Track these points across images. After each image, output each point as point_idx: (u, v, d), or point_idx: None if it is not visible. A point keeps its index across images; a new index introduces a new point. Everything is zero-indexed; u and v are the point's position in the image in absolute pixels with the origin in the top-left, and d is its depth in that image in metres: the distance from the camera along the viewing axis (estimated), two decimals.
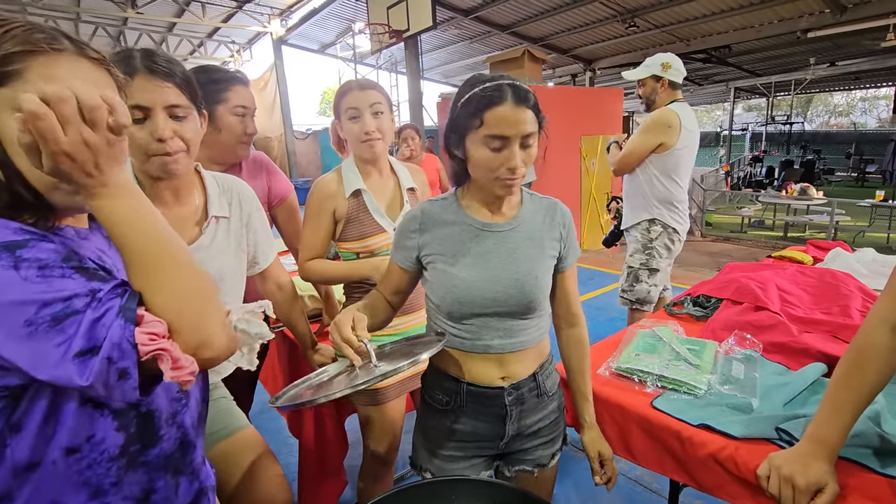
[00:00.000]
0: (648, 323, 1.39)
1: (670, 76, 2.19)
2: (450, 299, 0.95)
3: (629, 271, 2.30)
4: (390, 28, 6.67)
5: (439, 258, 0.96)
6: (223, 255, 1.03)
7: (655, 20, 8.17)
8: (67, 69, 0.54)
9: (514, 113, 0.85)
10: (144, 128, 0.85)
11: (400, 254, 1.01)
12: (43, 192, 0.55)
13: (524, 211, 1.01)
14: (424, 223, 0.98)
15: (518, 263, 0.96)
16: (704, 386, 1.08)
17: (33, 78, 0.52)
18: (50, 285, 0.49)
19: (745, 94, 15.87)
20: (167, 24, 10.49)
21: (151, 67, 0.85)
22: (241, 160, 1.43)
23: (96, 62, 0.58)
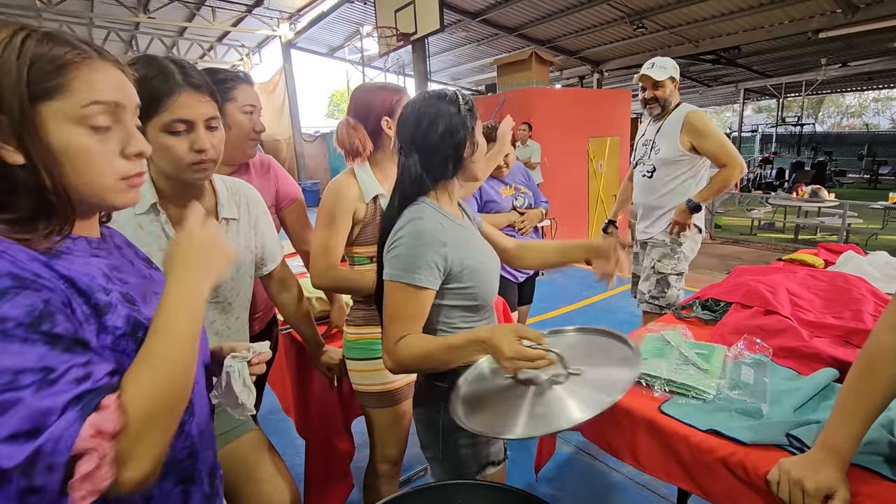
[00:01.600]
0: (657, 327, 1.37)
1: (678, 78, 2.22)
2: (491, 290, 1.04)
3: (658, 277, 2.22)
4: (398, 31, 6.69)
5: (471, 261, 1.00)
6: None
7: (664, 21, 8.13)
8: (101, 75, 0.56)
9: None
10: (185, 139, 0.89)
11: (432, 275, 0.94)
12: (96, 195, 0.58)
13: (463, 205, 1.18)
14: (447, 236, 0.96)
15: (485, 242, 1.13)
16: (713, 391, 1.07)
17: (78, 88, 0.54)
18: (3, 354, 0.45)
19: (755, 95, 15.73)
20: (178, 29, 10.62)
21: (194, 84, 0.88)
22: (250, 162, 1.44)
23: (115, 64, 0.60)
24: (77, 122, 0.54)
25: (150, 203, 0.93)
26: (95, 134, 0.56)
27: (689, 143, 2.12)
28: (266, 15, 10.14)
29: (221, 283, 1.02)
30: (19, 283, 0.48)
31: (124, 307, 0.60)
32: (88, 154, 0.55)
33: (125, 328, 0.59)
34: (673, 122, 2.17)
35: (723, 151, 2.10)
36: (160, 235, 0.94)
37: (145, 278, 0.71)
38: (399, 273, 0.93)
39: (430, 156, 0.99)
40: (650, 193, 2.27)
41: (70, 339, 0.50)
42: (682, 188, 2.18)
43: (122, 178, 0.59)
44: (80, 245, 0.61)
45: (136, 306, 0.63)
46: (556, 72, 11.03)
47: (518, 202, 2.30)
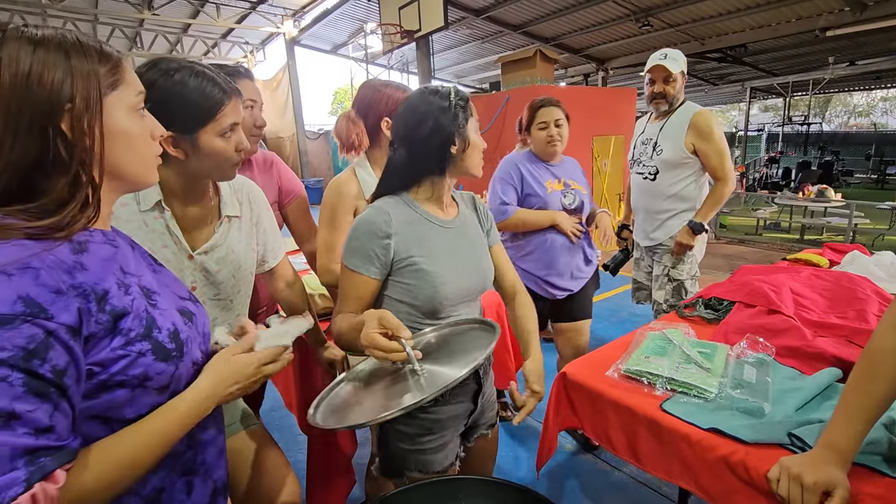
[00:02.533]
0: (659, 325, 1.37)
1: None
2: (438, 297, 0.99)
3: (675, 284, 2.11)
4: (402, 28, 6.68)
5: (419, 258, 0.98)
6: (235, 253, 1.05)
7: (670, 19, 8.08)
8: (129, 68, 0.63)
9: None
10: (231, 141, 0.92)
11: (371, 265, 0.97)
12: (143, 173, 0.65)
13: (460, 206, 1.13)
14: (394, 225, 0.97)
15: (477, 253, 1.10)
16: (715, 390, 1.07)
17: (131, 80, 0.63)
18: None
19: (762, 94, 15.63)
20: (182, 26, 10.63)
21: (234, 89, 0.92)
22: (252, 158, 1.45)
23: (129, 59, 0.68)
24: (132, 109, 0.63)
25: (154, 200, 0.93)
26: (141, 118, 0.64)
27: (692, 144, 2.02)
28: (270, 12, 10.15)
29: (223, 280, 1.03)
30: (30, 312, 0.49)
31: (142, 301, 0.62)
32: (142, 136, 0.64)
33: (140, 329, 0.60)
34: (677, 121, 2.06)
35: (721, 162, 2.00)
36: (164, 233, 0.95)
37: (155, 272, 0.73)
38: (343, 255, 1.00)
39: (416, 151, 1.00)
40: (654, 197, 2.15)
41: (48, 382, 0.50)
42: (688, 191, 2.09)
43: (154, 158, 0.67)
44: (96, 237, 0.62)
45: (152, 299, 0.65)
46: (561, 70, 10.99)
47: (567, 200, 1.92)
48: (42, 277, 0.51)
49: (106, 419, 0.59)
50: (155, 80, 0.84)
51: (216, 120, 0.88)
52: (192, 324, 0.70)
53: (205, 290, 1.01)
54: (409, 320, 1.01)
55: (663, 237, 2.16)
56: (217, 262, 1.01)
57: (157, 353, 0.61)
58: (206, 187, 1.01)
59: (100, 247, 0.61)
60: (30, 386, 0.48)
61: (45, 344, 0.50)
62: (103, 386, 0.57)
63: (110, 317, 0.57)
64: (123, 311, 0.59)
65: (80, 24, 9.47)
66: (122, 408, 0.60)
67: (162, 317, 0.64)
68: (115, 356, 0.57)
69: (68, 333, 0.52)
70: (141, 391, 0.61)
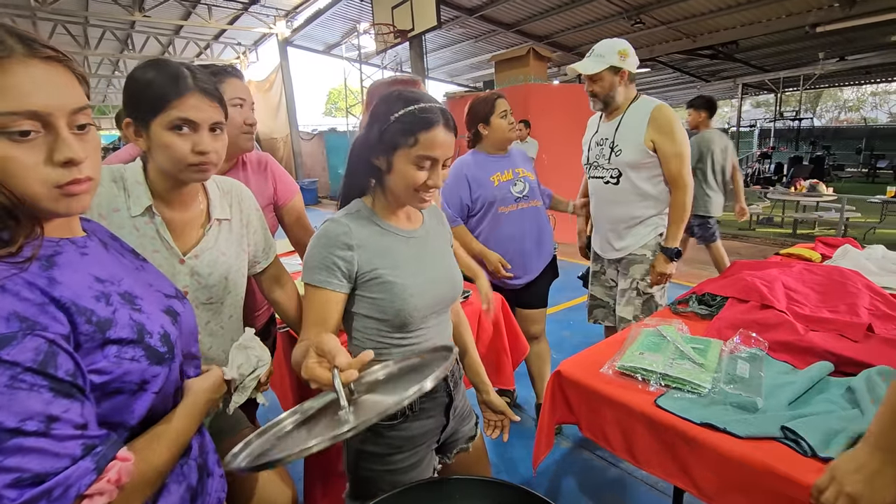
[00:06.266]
0: (653, 322, 1.38)
1: (628, 66, 1.84)
2: (407, 309, 0.94)
3: (645, 298, 1.93)
4: (395, 28, 6.68)
5: (385, 271, 0.94)
6: (225, 256, 1.04)
7: (661, 16, 8.13)
8: (21, 76, 0.52)
9: (445, 137, 0.92)
10: (187, 139, 0.89)
11: (334, 276, 0.91)
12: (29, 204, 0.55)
13: (426, 217, 1.10)
14: (355, 238, 0.94)
15: (445, 263, 1.07)
16: (709, 385, 1.07)
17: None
18: (11, 401, 0.46)
19: (753, 90, 15.73)
20: (174, 27, 10.58)
21: (205, 89, 0.90)
22: (246, 160, 1.44)
23: (51, 60, 0.55)
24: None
25: (145, 206, 0.93)
26: (15, 142, 0.52)
27: (651, 141, 1.82)
28: (262, 13, 10.11)
29: (214, 283, 1.02)
30: (26, 326, 0.49)
31: (125, 310, 0.61)
32: (10, 163, 0.52)
33: (131, 336, 0.60)
34: (634, 117, 1.86)
35: (680, 166, 1.81)
36: (155, 238, 0.95)
37: (137, 270, 0.72)
38: (305, 274, 0.94)
39: (355, 155, 0.99)
40: (618, 203, 1.94)
41: (69, 384, 0.51)
42: (656, 192, 1.89)
43: (56, 187, 0.55)
44: (65, 248, 0.61)
45: (136, 304, 0.64)
46: (554, 68, 11.01)
47: (517, 188, 1.96)
48: (23, 294, 0.51)
49: (112, 425, 0.59)
50: (131, 73, 0.89)
51: (165, 111, 0.87)
52: (177, 324, 0.70)
53: (197, 295, 1.00)
54: (378, 336, 0.98)
55: (633, 246, 1.95)
56: (208, 264, 1.01)
57: (151, 357, 0.61)
58: (194, 191, 1.00)
59: (70, 258, 0.60)
60: (56, 389, 0.49)
61: (52, 351, 0.50)
62: (104, 392, 0.57)
63: (96, 327, 0.56)
64: (108, 320, 0.58)
65: (70, 26, 9.41)
66: (124, 413, 0.60)
67: (150, 321, 0.64)
68: (109, 364, 0.57)
69: (64, 341, 0.52)
70: (140, 394, 0.61)
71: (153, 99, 0.87)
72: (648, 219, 1.93)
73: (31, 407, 0.47)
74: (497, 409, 1.21)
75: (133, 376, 0.59)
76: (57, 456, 0.48)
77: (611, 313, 2.15)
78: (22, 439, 0.46)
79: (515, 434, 2.22)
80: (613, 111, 1.93)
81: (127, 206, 0.93)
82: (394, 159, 0.93)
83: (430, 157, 0.91)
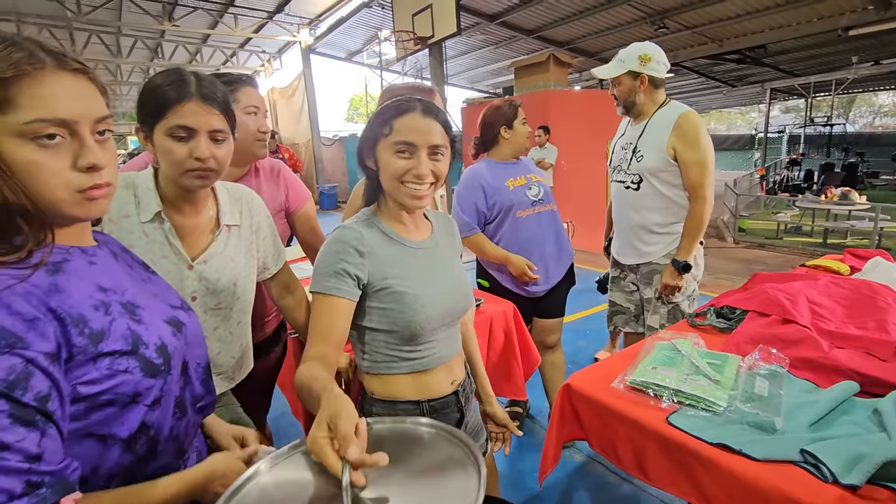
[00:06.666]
0: (667, 335, 1.34)
1: (650, 71, 1.81)
2: (418, 320, 0.92)
3: (671, 307, 1.87)
4: (415, 35, 6.73)
5: (395, 281, 0.92)
6: (234, 262, 1.05)
7: (686, 21, 8.00)
8: (49, 88, 0.55)
9: (422, 122, 0.90)
10: (186, 146, 0.90)
11: (344, 283, 0.89)
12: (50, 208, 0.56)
13: (435, 227, 1.08)
14: (367, 245, 0.92)
15: (455, 274, 1.05)
16: (724, 403, 1.03)
17: (25, 103, 0.53)
18: None
19: (782, 94, 15.32)
20: (201, 36, 10.88)
21: (205, 95, 0.91)
22: (259, 167, 1.46)
23: (78, 73, 0.58)
24: (21, 136, 0.53)
25: (154, 212, 0.94)
26: (43, 148, 0.55)
27: (673, 149, 1.78)
28: (287, 21, 10.32)
29: (223, 288, 1.03)
30: (6, 343, 0.49)
31: (123, 320, 0.61)
32: (37, 168, 0.55)
33: (125, 347, 0.60)
34: (659, 123, 1.82)
35: (701, 176, 1.75)
36: (164, 244, 0.96)
37: (144, 281, 0.73)
38: (313, 282, 0.91)
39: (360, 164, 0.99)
40: (639, 209, 1.91)
41: (34, 410, 0.50)
42: (680, 200, 1.84)
43: (78, 191, 0.58)
44: (74, 255, 0.62)
45: (136, 314, 0.64)
46: (575, 73, 10.93)
47: (532, 192, 1.98)
48: (15, 307, 0.51)
49: (101, 437, 0.59)
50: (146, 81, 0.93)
51: (165, 117, 0.88)
52: (181, 334, 0.70)
53: (206, 300, 1.01)
54: (386, 349, 0.96)
55: (654, 255, 1.91)
56: (217, 270, 1.02)
57: (145, 369, 0.61)
58: (203, 197, 1.01)
59: (77, 266, 0.61)
60: (15, 416, 0.48)
61: (26, 372, 0.50)
62: (92, 405, 0.57)
63: (89, 340, 0.57)
64: (101, 333, 0.58)
65: (104, 35, 9.77)
66: (113, 425, 0.60)
67: (148, 332, 0.64)
68: (101, 376, 0.57)
69: (47, 360, 0.52)
70: (132, 406, 0.61)
71: (155, 105, 0.89)
72: (670, 227, 1.88)
73: None
74: (500, 422, 1.19)
75: (125, 388, 0.59)
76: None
77: (631, 319, 2.12)
78: None
79: (527, 446, 2.19)
80: (640, 116, 1.90)
81: (137, 211, 0.95)
82: (377, 154, 0.93)
83: (406, 141, 0.89)
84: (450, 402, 1.03)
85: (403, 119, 0.90)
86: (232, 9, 9.28)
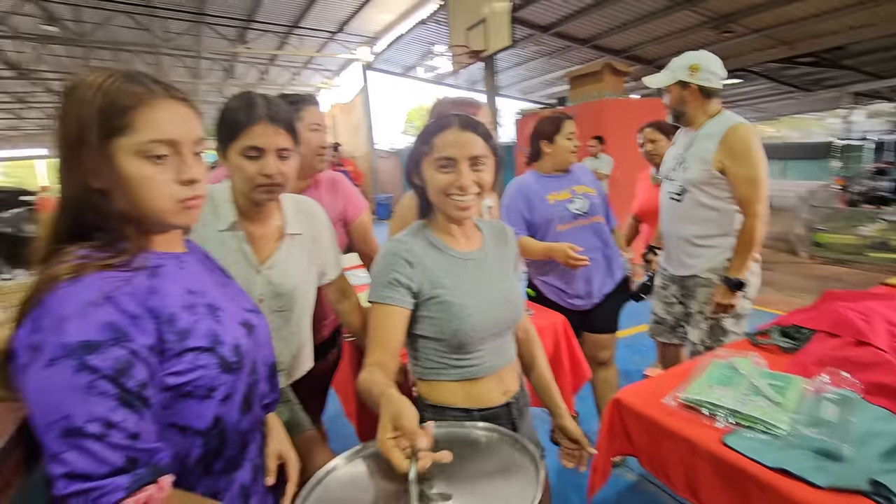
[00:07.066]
0: (725, 353, 1.28)
1: (700, 81, 1.76)
2: (465, 329, 0.95)
3: (711, 324, 1.81)
4: (469, 49, 6.84)
5: (443, 291, 0.96)
6: (296, 268, 1.14)
7: (753, 24, 7.60)
8: (162, 113, 0.65)
9: (460, 136, 0.94)
10: (256, 164, 1.00)
11: (396, 292, 0.93)
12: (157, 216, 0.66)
13: (486, 238, 1.09)
14: (414, 257, 0.96)
15: (506, 284, 1.05)
16: (786, 426, 0.98)
17: (141, 127, 0.63)
18: (86, 402, 0.55)
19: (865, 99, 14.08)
20: (270, 56, 11.62)
21: (272, 116, 1.00)
22: (320, 180, 1.56)
23: (181, 101, 0.68)
24: (138, 154, 0.63)
25: (230, 221, 1.05)
26: (154, 164, 0.64)
27: (720, 162, 1.71)
28: (347, 40, 10.82)
29: (285, 292, 1.12)
30: (115, 335, 0.58)
31: (207, 319, 0.70)
32: (149, 181, 0.64)
33: (206, 344, 0.68)
34: (708, 135, 1.77)
35: (752, 192, 1.67)
36: (237, 250, 1.06)
37: (223, 286, 0.81)
38: (370, 292, 0.96)
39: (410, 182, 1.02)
40: (681, 220, 1.86)
41: (135, 395, 0.59)
42: (725, 213, 1.77)
43: (179, 202, 0.67)
44: (168, 261, 0.71)
45: (217, 315, 0.72)
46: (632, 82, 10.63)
47: (574, 206, 1.93)
48: (122, 305, 0.60)
49: (181, 428, 0.67)
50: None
51: (238, 139, 0.98)
52: (252, 335, 0.78)
53: (270, 303, 1.10)
54: (436, 357, 1.00)
55: (699, 268, 1.84)
56: (281, 275, 1.10)
57: (222, 365, 0.69)
58: (271, 208, 1.11)
59: (171, 271, 0.70)
60: (121, 399, 0.57)
61: (130, 362, 0.59)
62: (176, 395, 0.65)
63: (177, 336, 0.65)
64: (187, 330, 0.66)
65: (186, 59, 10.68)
66: (192, 418, 0.68)
67: (225, 332, 0.71)
68: (185, 369, 0.65)
69: (146, 352, 0.61)
70: (207, 401, 0.68)
71: (229, 128, 0.99)
72: (713, 239, 1.81)
73: (97, 411, 0.55)
74: (572, 437, 1.11)
75: (203, 381, 0.67)
76: (102, 462, 0.55)
77: (668, 330, 2.06)
78: (82, 439, 0.54)
79: None
80: (690, 125, 1.86)
81: (214, 221, 1.05)
82: (423, 171, 0.98)
83: (446, 156, 0.93)
84: (501, 414, 1.03)
85: (442, 135, 0.94)
86: (297, 30, 9.87)
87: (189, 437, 0.68)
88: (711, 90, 1.79)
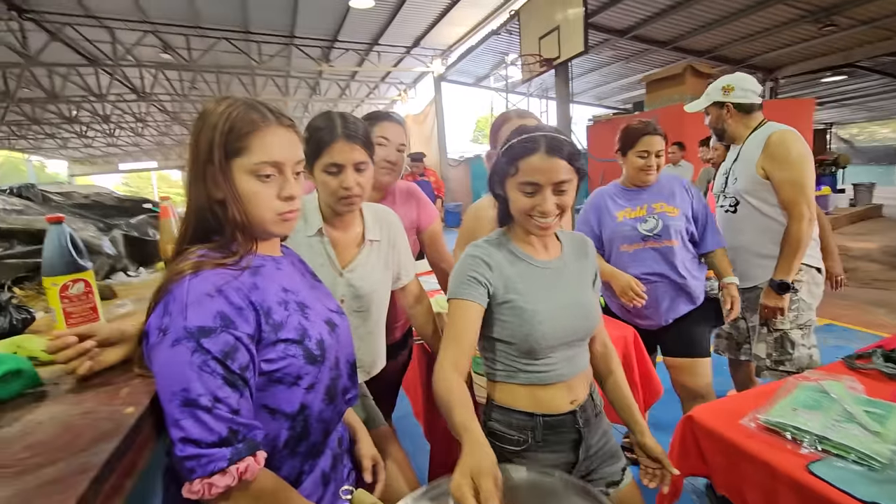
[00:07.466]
0: (815, 375, 1.20)
1: (735, 99, 1.88)
2: (535, 336, 0.98)
3: (777, 336, 1.79)
4: (541, 57, 6.81)
5: (516, 296, 0.99)
6: (375, 272, 1.23)
7: (861, 15, 6.85)
8: (272, 137, 0.75)
9: (546, 162, 0.94)
10: (336, 178, 1.12)
11: (474, 289, 0.98)
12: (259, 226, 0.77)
13: (565, 248, 1.11)
14: (493, 261, 1.00)
15: (580, 294, 1.06)
16: (885, 458, 0.90)
17: (255, 150, 0.74)
18: (200, 377, 0.64)
19: None
20: (350, 73, 12.31)
21: (348, 135, 1.11)
22: (396, 190, 1.65)
23: (288, 127, 0.78)
24: (250, 173, 0.74)
25: (317, 227, 1.16)
26: (262, 182, 0.75)
27: (762, 168, 1.77)
28: (421, 54, 11.18)
29: (364, 294, 1.21)
30: (224, 323, 0.68)
31: (297, 315, 0.79)
32: (256, 196, 0.75)
33: (295, 336, 0.77)
34: (752, 145, 1.84)
35: (796, 194, 1.68)
36: (322, 254, 1.17)
37: (312, 287, 0.91)
38: (449, 291, 1.01)
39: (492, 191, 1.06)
40: (737, 232, 1.90)
41: (237, 376, 0.68)
42: (781, 221, 1.76)
43: (279, 214, 0.77)
44: (268, 263, 0.82)
45: (305, 312, 0.81)
46: None
47: (645, 226, 1.78)
48: (231, 298, 0.70)
49: (272, 410, 0.76)
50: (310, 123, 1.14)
51: (321, 158, 1.10)
52: (335, 333, 0.86)
53: (351, 303, 1.20)
54: (507, 360, 1.03)
55: (760, 279, 1.82)
56: (361, 278, 1.20)
57: (307, 357, 0.78)
58: (353, 216, 1.22)
59: (270, 270, 0.81)
60: (226, 379, 0.67)
61: (235, 347, 0.69)
62: (269, 380, 0.75)
63: (272, 328, 0.74)
64: (281, 323, 0.76)
65: (277, 79, 11.63)
66: (281, 402, 0.77)
67: (312, 327, 0.80)
68: (277, 357, 0.74)
69: (249, 339, 0.70)
70: (294, 388, 0.77)
71: (314, 148, 1.11)
72: (772, 249, 1.79)
73: (208, 386, 0.64)
74: (653, 455, 1.05)
75: (291, 369, 0.76)
76: (210, 430, 0.64)
77: (733, 345, 2.07)
78: (196, 409, 0.63)
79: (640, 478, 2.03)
80: (735, 140, 1.95)
81: (304, 227, 1.17)
82: (506, 189, 1.02)
83: (530, 182, 0.95)
84: (566, 422, 1.04)
85: (529, 160, 0.95)
86: (376, 47, 10.37)
87: (278, 419, 0.77)
88: (748, 105, 1.88)
